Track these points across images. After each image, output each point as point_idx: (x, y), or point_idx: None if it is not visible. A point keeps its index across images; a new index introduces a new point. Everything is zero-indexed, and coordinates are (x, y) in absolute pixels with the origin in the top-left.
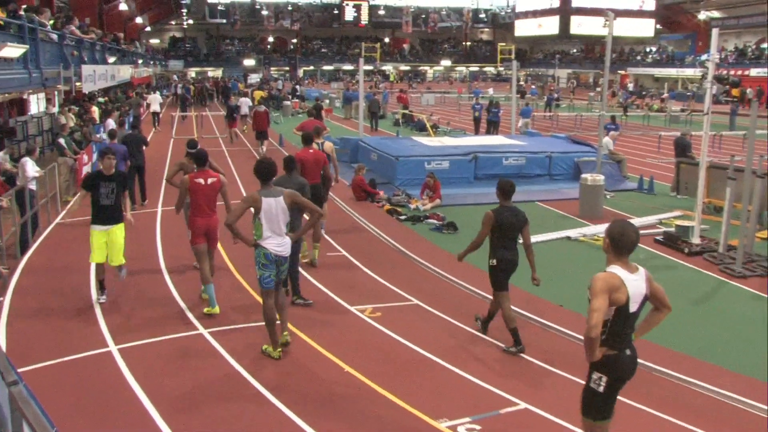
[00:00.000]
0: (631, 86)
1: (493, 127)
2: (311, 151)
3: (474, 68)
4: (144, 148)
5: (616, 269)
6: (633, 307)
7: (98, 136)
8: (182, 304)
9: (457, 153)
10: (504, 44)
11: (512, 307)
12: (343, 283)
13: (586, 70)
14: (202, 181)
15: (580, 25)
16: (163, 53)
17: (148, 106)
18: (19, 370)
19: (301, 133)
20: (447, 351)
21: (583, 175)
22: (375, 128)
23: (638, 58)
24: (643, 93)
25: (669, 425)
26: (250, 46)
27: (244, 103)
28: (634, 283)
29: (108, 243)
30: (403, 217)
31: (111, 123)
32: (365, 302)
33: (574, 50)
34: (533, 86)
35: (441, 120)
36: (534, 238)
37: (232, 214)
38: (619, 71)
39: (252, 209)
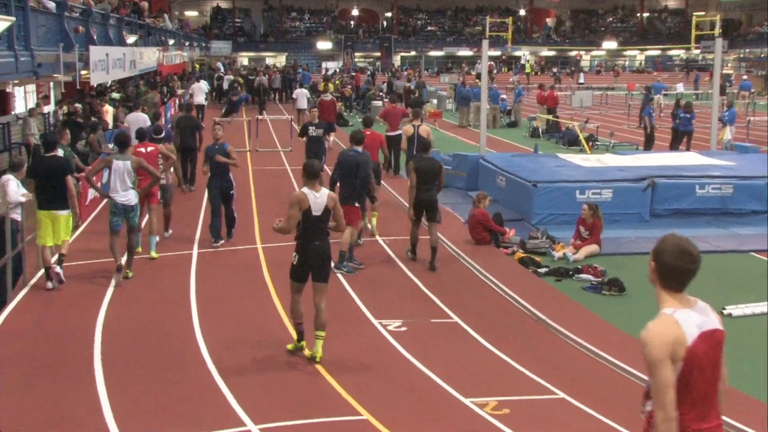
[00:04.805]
0: None
1: (681, 140)
2: (368, 132)
3: (653, 52)
4: (198, 133)
5: (305, 189)
6: (315, 212)
7: (111, 146)
8: (221, 384)
9: (624, 178)
10: (702, 14)
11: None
12: (453, 364)
13: None
14: (143, 149)
15: None
16: (204, 31)
17: (191, 96)
18: None
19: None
20: None
21: None
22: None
23: None
24: None
25: None
26: (326, 22)
27: (301, 95)
28: (316, 200)
29: None
30: (543, 270)
31: (140, 118)
32: (486, 393)
33: None
34: (745, 77)
35: (601, 129)
36: (746, 309)
37: (92, 170)
38: None
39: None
